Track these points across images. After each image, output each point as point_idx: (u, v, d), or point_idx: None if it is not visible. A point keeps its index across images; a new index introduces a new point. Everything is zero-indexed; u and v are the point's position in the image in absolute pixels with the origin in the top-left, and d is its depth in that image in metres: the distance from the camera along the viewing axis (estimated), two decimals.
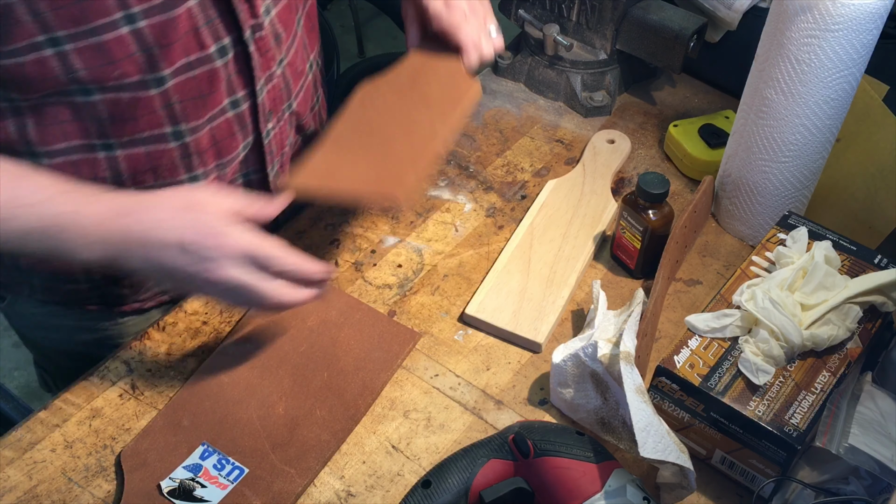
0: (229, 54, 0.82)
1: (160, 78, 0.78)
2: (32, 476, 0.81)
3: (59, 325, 1.01)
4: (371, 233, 1.03)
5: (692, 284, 1.00)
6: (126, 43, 0.74)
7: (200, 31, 0.78)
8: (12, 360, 2.14)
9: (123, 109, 0.78)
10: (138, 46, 0.75)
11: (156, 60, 0.77)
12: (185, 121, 0.83)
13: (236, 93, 0.86)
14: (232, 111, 0.86)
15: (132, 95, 0.78)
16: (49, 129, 0.78)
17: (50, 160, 0.80)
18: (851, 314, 0.82)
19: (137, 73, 0.76)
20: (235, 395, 0.86)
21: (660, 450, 0.71)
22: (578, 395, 0.83)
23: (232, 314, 0.94)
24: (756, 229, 1.03)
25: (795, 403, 0.77)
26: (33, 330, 1.06)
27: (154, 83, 0.78)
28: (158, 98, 0.79)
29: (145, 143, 0.82)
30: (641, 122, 1.22)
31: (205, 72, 0.81)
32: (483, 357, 0.92)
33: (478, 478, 0.75)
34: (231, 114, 0.87)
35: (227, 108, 0.86)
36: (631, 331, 0.80)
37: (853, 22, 0.84)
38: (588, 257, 1.01)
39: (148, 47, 0.75)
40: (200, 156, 0.87)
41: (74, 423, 0.85)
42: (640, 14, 1.16)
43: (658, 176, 0.94)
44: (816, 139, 0.93)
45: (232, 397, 0.85)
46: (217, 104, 0.84)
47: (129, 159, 0.83)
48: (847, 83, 0.89)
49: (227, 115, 0.86)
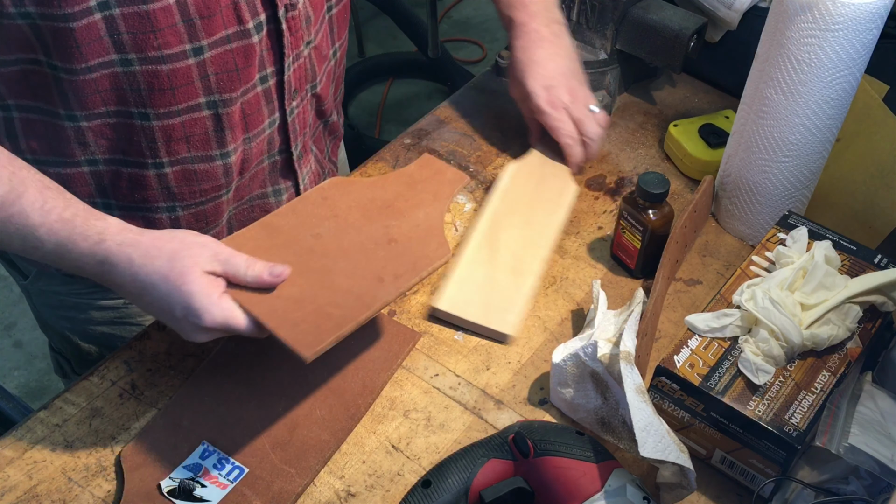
0: (263, 30, 0.86)
1: (199, 48, 0.81)
2: (32, 476, 0.81)
3: (81, 303, 1.03)
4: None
5: (692, 284, 1.00)
6: (171, 12, 0.77)
7: (240, 5, 0.82)
8: (12, 360, 2.14)
9: (163, 80, 0.82)
10: (181, 17, 0.78)
11: (196, 31, 0.80)
12: (219, 93, 0.86)
13: (266, 68, 0.89)
14: (261, 86, 0.90)
15: (171, 67, 0.81)
16: (89, 98, 0.81)
17: (88, 122, 0.84)
18: (851, 314, 0.82)
19: (178, 44, 0.80)
20: (235, 394, 0.86)
21: (660, 450, 0.71)
22: (578, 395, 0.83)
23: None
24: (756, 229, 1.03)
25: (795, 403, 0.77)
26: (55, 310, 1.07)
27: (193, 53, 0.81)
28: (196, 69, 0.83)
29: (180, 115, 0.86)
30: (641, 121, 1.22)
31: (241, 46, 0.84)
32: (483, 357, 0.92)
33: (478, 477, 0.75)
34: (259, 89, 0.90)
35: (258, 84, 0.89)
36: (631, 330, 0.80)
37: (853, 22, 0.84)
38: (551, 242, 1.01)
39: (190, 18, 0.79)
40: (232, 130, 0.90)
41: (74, 423, 0.85)
42: (640, 14, 1.16)
43: (658, 176, 0.94)
44: (816, 139, 0.93)
45: (232, 397, 0.85)
46: (250, 79, 0.88)
47: (163, 129, 0.86)
48: (847, 83, 0.89)
49: (256, 90, 0.90)
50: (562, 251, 1.03)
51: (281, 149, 0.99)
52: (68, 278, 1.00)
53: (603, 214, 1.08)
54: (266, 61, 0.88)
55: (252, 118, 0.91)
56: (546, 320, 0.96)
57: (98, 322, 1.04)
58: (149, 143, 0.86)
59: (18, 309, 2.24)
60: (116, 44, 0.78)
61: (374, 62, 2.91)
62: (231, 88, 0.86)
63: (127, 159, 0.88)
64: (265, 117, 0.93)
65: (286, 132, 0.97)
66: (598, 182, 1.12)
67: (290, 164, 1.01)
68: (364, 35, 3.05)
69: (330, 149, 1.13)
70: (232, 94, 0.87)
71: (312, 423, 0.84)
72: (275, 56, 0.89)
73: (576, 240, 1.05)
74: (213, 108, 0.87)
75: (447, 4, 3.21)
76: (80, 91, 0.81)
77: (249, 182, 0.98)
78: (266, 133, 0.95)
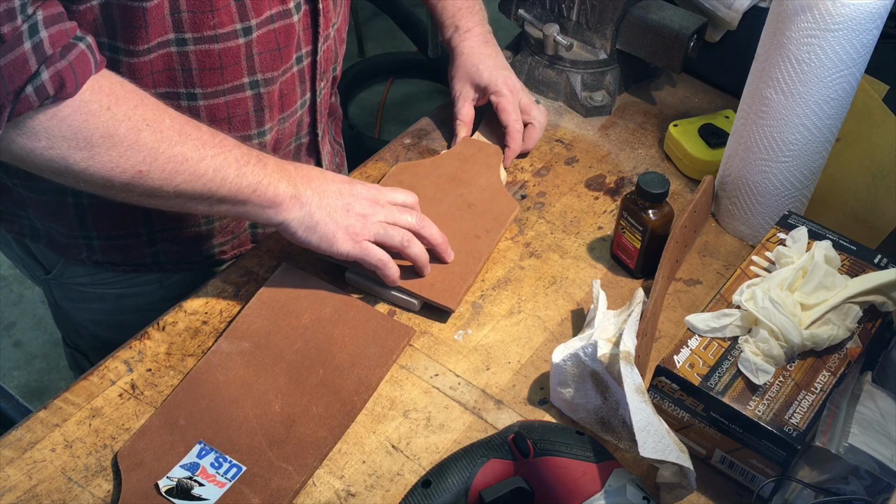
0: (302, 9, 0.89)
1: (248, 28, 0.84)
2: (32, 476, 0.80)
3: (106, 294, 1.05)
4: None
5: (692, 284, 1.00)
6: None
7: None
8: (12, 360, 2.14)
9: (214, 60, 0.85)
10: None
11: (246, 11, 0.83)
12: (261, 72, 0.89)
13: (301, 49, 0.93)
14: (296, 66, 0.93)
15: (223, 46, 0.84)
16: (143, 80, 0.83)
17: None
18: (851, 314, 0.82)
19: (231, 23, 0.83)
20: (231, 393, 0.86)
21: (660, 450, 0.71)
22: (578, 395, 0.83)
23: (231, 314, 0.95)
24: (756, 229, 1.03)
25: (795, 403, 0.77)
26: (76, 302, 1.09)
27: (243, 33, 0.84)
28: (244, 49, 0.86)
29: (226, 94, 0.88)
30: (641, 121, 1.22)
31: (283, 25, 0.87)
32: (483, 357, 0.92)
33: (478, 477, 0.75)
34: (295, 69, 0.94)
35: (294, 64, 0.93)
36: (631, 330, 0.80)
37: (853, 22, 0.84)
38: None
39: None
40: (270, 109, 0.93)
41: (74, 423, 0.85)
42: (640, 14, 1.16)
43: (658, 176, 0.94)
44: (816, 139, 0.93)
45: (228, 396, 0.85)
46: (289, 59, 0.91)
47: (209, 109, 0.89)
48: (847, 83, 0.89)
49: (293, 70, 0.93)
50: (562, 251, 1.03)
51: (309, 130, 1.03)
52: (94, 269, 1.02)
53: (603, 214, 1.08)
54: (303, 41, 0.92)
55: (288, 98, 0.95)
56: (546, 320, 0.96)
57: (122, 310, 1.06)
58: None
59: (18, 309, 2.24)
60: (176, 23, 0.80)
61: (374, 62, 2.91)
62: (273, 68, 0.89)
63: None
64: (298, 97, 0.97)
65: (314, 113, 1.02)
66: (598, 182, 1.12)
67: (315, 145, 1.06)
68: (364, 35, 3.04)
69: (333, 129, 1.17)
70: (273, 74, 0.90)
71: (309, 421, 0.84)
72: (310, 36, 0.93)
73: (576, 240, 1.05)
74: (256, 88, 0.90)
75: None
76: (135, 73, 0.82)
77: None
78: (298, 114, 0.98)
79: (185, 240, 1.02)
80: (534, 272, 1.01)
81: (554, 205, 1.09)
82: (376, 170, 1.12)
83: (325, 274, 0.98)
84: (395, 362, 0.91)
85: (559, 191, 1.11)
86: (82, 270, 1.03)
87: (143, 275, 1.04)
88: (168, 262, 1.03)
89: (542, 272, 1.01)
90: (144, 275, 1.04)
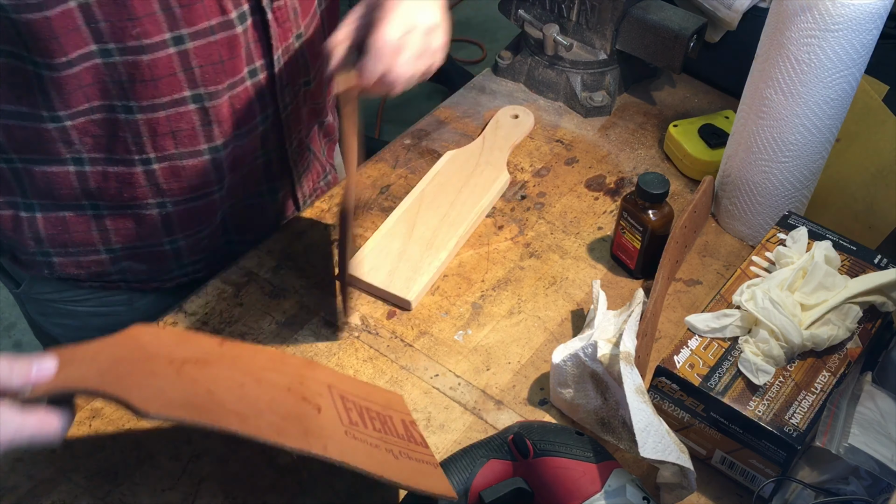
0: (248, 21, 0.84)
1: (180, 38, 0.80)
2: (32, 476, 0.80)
3: (75, 311, 1.02)
4: (371, 233, 1.03)
5: (692, 284, 1.00)
6: (148, 1, 0.76)
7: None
8: None
9: (143, 71, 0.80)
10: (160, 6, 0.77)
11: (176, 20, 0.79)
12: (204, 85, 0.85)
13: (254, 62, 0.88)
14: (251, 80, 0.89)
15: (151, 57, 0.80)
16: (72, 94, 0.80)
17: (72, 121, 0.82)
18: (851, 314, 0.82)
19: (158, 33, 0.79)
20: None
21: (660, 450, 0.71)
22: (578, 395, 0.83)
23: (231, 315, 0.94)
24: (756, 229, 1.03)
25: (795, 403, 0.77)
26: (48, 317, 1.07)
27: (173, 43, 0.80)
28: (178, 60, 0.81)
29: (165, 108, 0.84)
30: (641, 122, 1.22)
31: (225, 37, 0.83)
32: (483, 357, 0.92)
33: (477, 478, 0.75)
34: (249, 83, 0.89)
35: (246, 78, 0.88)
36: (631, 331, 0.80)
37: (853, 22, 0.84)
38: (472, 223, 1.04)
39: (169, 7, 0.78)
40: (220, 124, 0.89)
41: (74, 423, 0.84)
42: (640, 14, 1.16)
43: (658, 176, 0.94)
44: (816, 139, 0.93)
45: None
46: (237, 72, 0.87)
47: (148, 123, 0.85)
48: (847, 83, 0.89)
49: (245, 84, 0.89)
50: (562, 251, 1.03)
51: (276, 146, 0.98)
52: (60, 285, 0.99)
53: (603, 215, 1.08)
54: (254, 54, 0.87)
55: (242, 113, 0.90)
56: (546, 320, 0.96)
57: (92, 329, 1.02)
58: (134, 138, 0.85)
59: (18, 310, 2.24)
60: (95, 33, 0.76)
61: None
62: (217, 81, 0.85)
63: (113, 157, 0.87)
64: (257, 112, 0.92)
65: (280, 128, 0.97)
66: (598, 182, 1.12)
67: (284, 161, 1.01)
68: None
69: (325, 151, 1.13)
70: (218, 87, 0.86)
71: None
72: (263, 48, 0.88)
73: (576, 240, 1.05)
74: (200, 102, 0.85)
75: (447, 4, 3.21)
76: (62, 89, 0.79)
77: (244, 180, 0.98)
78: (259, 129, 0.94)
79: (148, 258, 0.98)
80: (534, 272, 1.01)
81: (554, 205, 1.09)
82: (376, 170, 1.12)
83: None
84: (395, 363, 0.91)
85: (559, 191, 1.11)
86: (49, 286, 1.00)
87: (113, 293, 1.01)
88: (135, 280, 1.00)
89: (542, 272, 1.01)
90: (115, 293, 1.01)
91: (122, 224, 0.93)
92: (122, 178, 0.89)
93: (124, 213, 0.92)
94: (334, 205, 1.07)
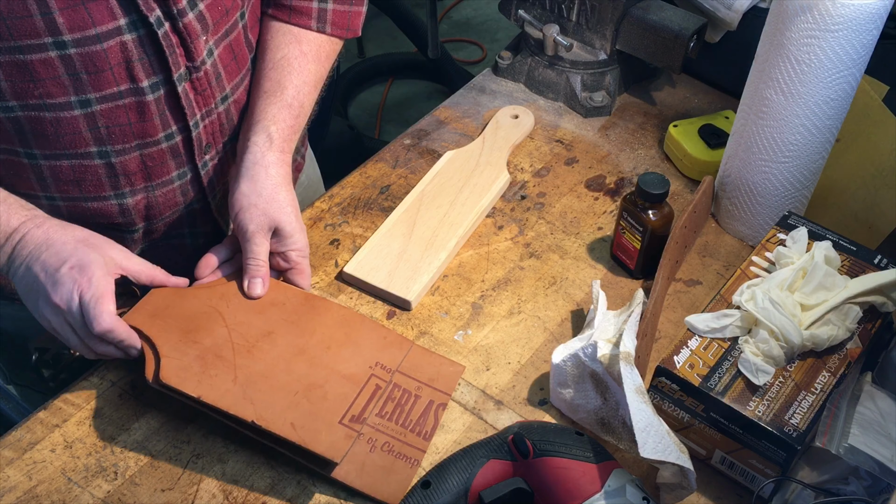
0: (161, 90, 0.84)
1: (86, 101, 0.80)
2: (32, 476, 0.81)
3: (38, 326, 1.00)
4: (371, 233, 1.03)
5: (692, 284, 1.00)
6: (52, 65, 0.76)
7: (133, 64, 0.80)
8: None
9: (46, 126, 0.80)
10: (65, 70, 0.77)
11: (83, 85, 0.79)
12: (111, 143, 0.84)
13: (170, 126, 0.87)
14: (166, 143, 0.88)
15: (55, 115, 0.80)
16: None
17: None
18: (851, 314, 0.82)
19: (62, 95, 0.79)
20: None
21: (660, 450, 0.71)
22: (578, 396, 0.83)
23: None
24: (756, 229, 1.03)
25: (795, 403, 0.77)
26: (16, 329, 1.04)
27: (79, 105, 0.80)
28: (84, 120, 0.81)
29: (69, 158, 0.84)
30: (641, 122, 1.22)
31: (134, 102, 0.82)
32: (483, 357, 0.92)
33: (477, 478, 0.75)
34: (165, 145, 0.88)
35: (162, 140, 0.87)
36: (631, 331, 0.80)
37: (853, 22, 0.84)
38: (472, 223, 1.04)
39: (76, 72, 0.77)
40: (128, 177, 0.88)
41: (74, 423, 0.85)
42: (640, 14, 1.16)
43: (658, 176, 0.94)
44: (816, 139, 0.93)
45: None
46: (149, 134, 0.86)
47: (52, 169, 0.84)
48: (847, 83, 0.89)
49: (160, 146, 0.87)
50: (562, 251, 1.03)
51: (198, 198, 0.96)
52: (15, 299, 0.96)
53: (603, 215, 1.08)
54: (169, 119, 0.86)
55: (156, 169, 0.89)
56: (546, 321, 0.96)
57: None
58: (38, 179, 0.85)
59: None
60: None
61: (373, 62, 2.91)
62: (125, 141, 0.84)
63: (18, 191, 0.85)
64: (172, 170, 0.91)
65: (200, 184, 0.95)
66: (598, 182, 1.12)
67: (208, 213, 0.98)
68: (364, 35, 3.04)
69: None
70: (126, 146, 0.85)
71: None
72: (178, 115, 0.87)
73: (576, 240, 1.05)
74: (106, 158, 0.85)
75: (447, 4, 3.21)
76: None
77: (166, 227, 0.96)
78: (176, 184, 0.92)
79: None
80: (534, 273, 1.01)
81: (554, 205, 1.09)
82: (376, 170, 1.13)
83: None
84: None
85: (559, 191, 1.11)
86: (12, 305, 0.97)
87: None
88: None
89: (542, 272, 1.01)
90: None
91: None
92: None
93: None
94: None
